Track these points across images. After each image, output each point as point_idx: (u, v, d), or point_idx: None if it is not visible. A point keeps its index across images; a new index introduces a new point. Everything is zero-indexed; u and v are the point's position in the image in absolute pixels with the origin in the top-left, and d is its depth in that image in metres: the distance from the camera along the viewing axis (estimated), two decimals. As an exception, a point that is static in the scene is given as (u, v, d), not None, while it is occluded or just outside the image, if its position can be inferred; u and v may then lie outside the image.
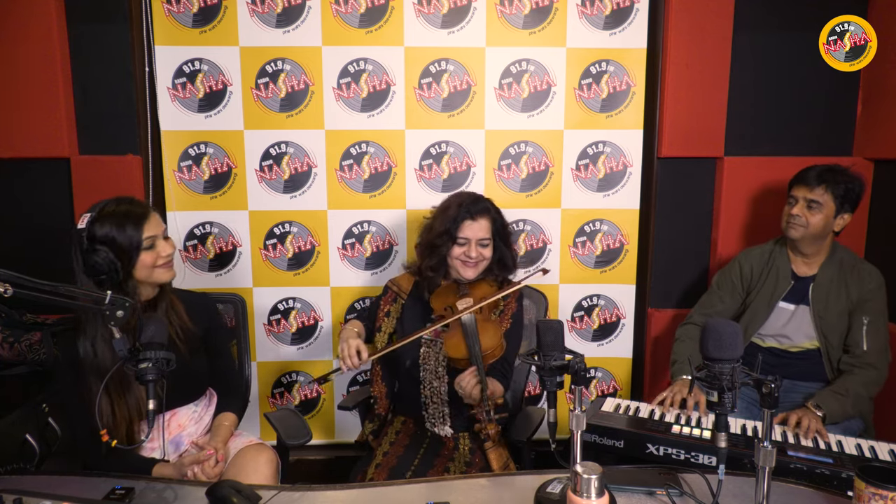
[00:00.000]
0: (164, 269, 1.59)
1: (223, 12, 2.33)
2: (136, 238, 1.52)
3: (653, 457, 1.69)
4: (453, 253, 1.92)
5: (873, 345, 1.93)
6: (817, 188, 1.93)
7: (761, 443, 1.09)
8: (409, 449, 1.83)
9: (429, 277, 1.97)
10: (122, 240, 1.50)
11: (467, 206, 1.92)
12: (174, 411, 1.67)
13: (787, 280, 2.04)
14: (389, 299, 2.04)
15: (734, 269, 2.16)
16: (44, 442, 1.84)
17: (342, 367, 1.80)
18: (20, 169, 2.33)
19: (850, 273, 1.98)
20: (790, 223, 1.98)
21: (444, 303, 1.93)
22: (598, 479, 1.03)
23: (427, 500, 1.25)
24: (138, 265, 1.54)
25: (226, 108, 2.39)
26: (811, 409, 1.80)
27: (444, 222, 1.91)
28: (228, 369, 1.86)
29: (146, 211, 1.57)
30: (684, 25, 2.32)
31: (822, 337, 1.99)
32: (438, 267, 1.95)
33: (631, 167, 2.48)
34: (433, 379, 1.89)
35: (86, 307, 1.28)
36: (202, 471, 1.47)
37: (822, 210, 1.93)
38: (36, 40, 2.22)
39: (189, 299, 1.75)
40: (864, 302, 1.96)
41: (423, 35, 2.37)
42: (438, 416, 1.89)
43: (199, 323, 1.72)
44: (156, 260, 1.56)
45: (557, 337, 1.23)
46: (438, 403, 1.89)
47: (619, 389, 2.66)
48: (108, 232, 1.50)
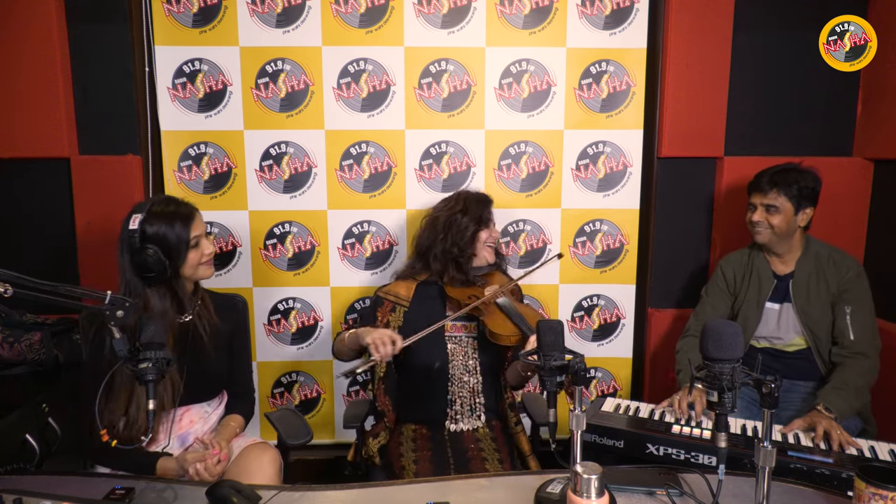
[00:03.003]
0: (206, 266, 1.67)
1: (223, 12, 2.33)
2: (185, 237, 1.58)
3: (653, 457, 1.69)
4: (481, 237, 2.01)
5: (859, 333, 1.95)
6: (770, 192, 1.98)
7: (761, 443, 1.09)
8: (436, 455, 1.80)
9: (457, 260, 1.98)
10: (172, 238, 1.57)
11: (485, 197, 2.09)
12: (188, 407, 1.68)
13: (770, 280, 2.08)
14: (387, 309, 2.00)
15: (718, 275, 2.20)
16: (44, 442, 1.84)
17: (376, 357, 1.73)
18: (20, 169, 2.33)
19: (826, 265, 2.01)
20: (755, 229, 2.03)
21: (466, 293, 1.95)
22: (598, 479, 1.03)
23: (427, 500, 1.25)
24: (186, 263, 1.60)
25: (226, 108, 2.39)
26: (823, 412, 1.77)
27: (473, 211, 2.01)
28: (245, 372, 1.87)
29: (192, 211, 1.63)
30: (684, 25, 2.32)
31: (809, 332, 2.01)
32: (467, 248, 1.99)
33: (631, 167, 2.48)
34: (462, 374, 1.93)
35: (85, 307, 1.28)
36: (205, 468, 1.48)
37: (779, 212, 1.97)
38: (36, 40, 2.22)
39: (219, 298, 1.80)
40: (843, 292, 1.98)
41: (423, 35, 2.37)
42: (468, 410, 1.92)
43: (227, 322, 1.76)
44: (200, 258, 1.64)
45: (557, 337, 1.23)
46: (468, 397, 1.93)
47: (619, 389, 2.66)
48: (159, 230, 1.55)
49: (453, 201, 2.06)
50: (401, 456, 1.81)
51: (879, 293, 2.24)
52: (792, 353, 2.06)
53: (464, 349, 1.96)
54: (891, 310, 2.22)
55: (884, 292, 2.27)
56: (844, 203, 2.41)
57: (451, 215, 2.01)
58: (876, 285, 2.14)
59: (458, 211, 2.02)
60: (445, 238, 1.99)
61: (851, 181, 2.41)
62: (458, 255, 1.98)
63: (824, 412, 1.78)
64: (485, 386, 1.96)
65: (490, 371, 1.98)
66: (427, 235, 2.05)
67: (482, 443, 1.84)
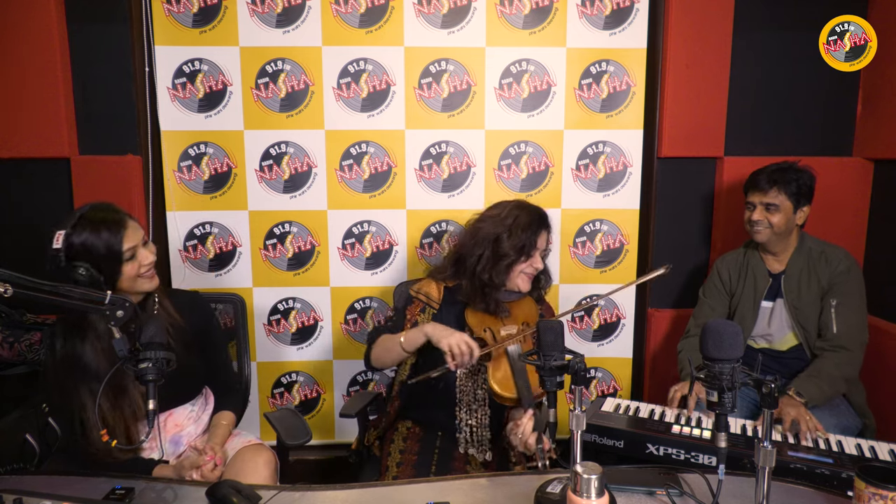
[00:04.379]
0: (146, 278, 1.55)
1: (223, 12, 2.33)
2: (117, 248, 1.46)
3: (653, 457, 1.69)
4: (519, 267, 1.81)
5: (842, 326, 1.95)
6: (770, 191, 1.98)
7: (761, 443, 1.09)
8: (421, 456, 1.74)
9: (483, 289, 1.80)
10: (103, 253, 1.43)
11: (540, 220, 1.84)
12: (170, 412, 1.65)
13: (766, 278, 2.08)
14: (417, 309, 1.88)
15: (714, 276, 2.21)
16: (44, 442, 1.83)
17: (451, 365, 1.62)
18: (20, 169, 2.33)
19: (817, 260, 2.02)
20: (754, 228, 2.03)
21: (482, 322, 1.78)
22: (598, 479, 1.02)
23: (427, 501, 1.25)
24: (122, 276, 1.50)
25: (226, 108, 2.39)
26: (794, 397, 1.82)
27: (518, 237, 1.78)
28: (225, 368, 1.83)
29: (122, 218, 1.49)
30: (684, 25, 2.32)
31: (801, 328, 2.02)
32: (497, 278, 1.79)
33: (631, 167, 2.48)
34: (472, 402, 1.79)
35: (85, 307, 1.28)
36: (201, 475, 1.47)
37: (780, 210, 1.98)
38: (36, 40, 2.22)
39: (181, 298, 1.74)
40: (832, 286, 1.99)
41: (423, 35, 2.37)
42: (478, 441, 1.78)
43: (191, 322, 1.69)
44: (138, 269, 1.52)
45: (557, 337, 1.23)
46: (478, 429, 1.78)
47: (619, 389, 2.66)
48: (87, 245, 1.42)
49: (506, 214, 1.83)
50: (388, 455, 1.77)
51: (879, 293, 2.24)
52: (787, 353, 2.06)
53: (473, 379, 1.80)
54: (891, 309, 2.22)
55: (884, 292, 2.27)
56: (844, 203, 2.41)
57: (495, 232, 1.80)
58: (876, 285, 2.15)
59: (504, 228, 1.80)
60: (481, 258, 1.80)
61: (851, 181, 2.41)
62: (486, 283, 1.79)
63: (795, 397, 1.82)
64: (493, 421, 1.81)
65: (501, 410, 1.83)
66: (465, 244, 1.87)
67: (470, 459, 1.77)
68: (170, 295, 1.71)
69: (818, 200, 2.05)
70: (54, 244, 1.39)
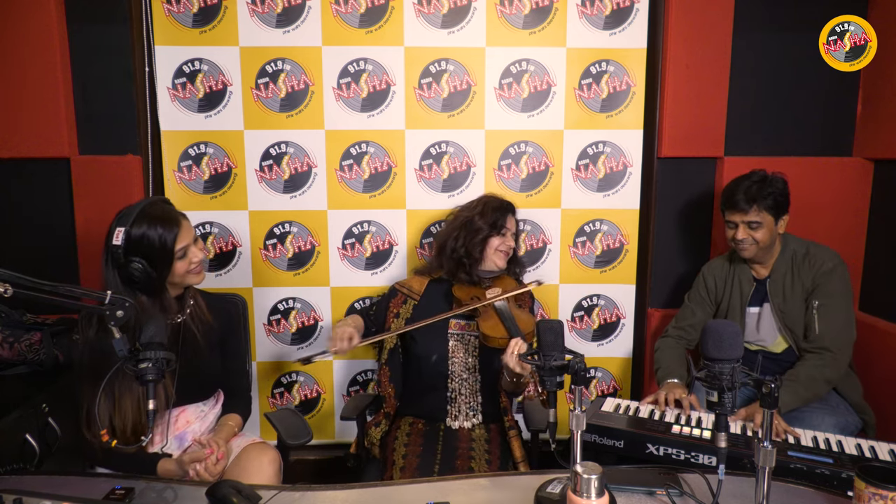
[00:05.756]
0: (194, 273, 1.66)
1: (223, 12, 2.33)
2: (171, 249, 1.57)
3: (653, 457, 1.69)
4: (493, 243, 2.04)
5: (824, 327, 1.95)
6: (750, 210, 1.96)
7: (761, 443, 1.09)
8: (426, 450, 1.83)
9: (461, 261, 2.03)
10: (158, 251, 1.55)
11: (507, 205, 2.11)
12: (183, 408, 1.68)
13: (751, 284, 2.09)
14: (399, 301, 2.10)
15: (700, 282, 2.22)
16: (44, 442, 1.84)
17: (329, 350, 1.90)
18: (20, 169, 2.33)
19: (801, 262, 2.02)
20: (739, 246, 2.02)
21: (469, 293, 2.01)
22: (598, 479, 1.03)
23: (427, 500, 1.25)
24: (173, 272, 1.60)
25: (226, 108, 2.39)
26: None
27: (489, 216, 2.04)
28: (239, 374, 1.88)
29: (177, 218, 1.61)
30: (684, 25, 2.32)
31: (789, 331, 2.02)
32: (475, 251, 2.02)
33: (631, 167, 2.48)
34: (462, 371, 1.98)
35: (86, 307, 1.28)
36: (204, 468, 1.48)
37: (762, 226, 1.97)
38: (36, 40, 2.21)
39: (215, 300, 1.80)
40: (816, 286, 1.99)
41: (423, 35, 2.37)
42: (467, 408, 1.95)
43: (220, 323, 1.76)
44: (189, 266, 1.63)
45: (557, 337, 1.23)
46: (467, 395, 1.96)
47: (619, 389, 2.66)
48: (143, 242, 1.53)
49: (476, 203, 2.12)
50: (394, 450, 1.85)
51: (879, 293, 2.24)
52: (782, 355, 2.07)
53: (465, 347, 1.99)
54: (890, 310, 2.22)
55: (883, 292, 2.27)
56: (844, 203, 2.41)
57: (469, 216, 2.07)
58: (876, 285, 2.15)
59: (476, 213, 2.06)
60: (458, 237, 2.05)
61: (851, 181, 2.41)
62: (464, 255, 2.03)
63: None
64: (484, 386, 1.98)
65: (490, 371, 1.99)
66: (444, 232, 2.13)
67: (475, 443, 1.86)
68: (205, 296, 1.78)
69: (818, 200, 2.06)
70: (114, 241, 1.50)
